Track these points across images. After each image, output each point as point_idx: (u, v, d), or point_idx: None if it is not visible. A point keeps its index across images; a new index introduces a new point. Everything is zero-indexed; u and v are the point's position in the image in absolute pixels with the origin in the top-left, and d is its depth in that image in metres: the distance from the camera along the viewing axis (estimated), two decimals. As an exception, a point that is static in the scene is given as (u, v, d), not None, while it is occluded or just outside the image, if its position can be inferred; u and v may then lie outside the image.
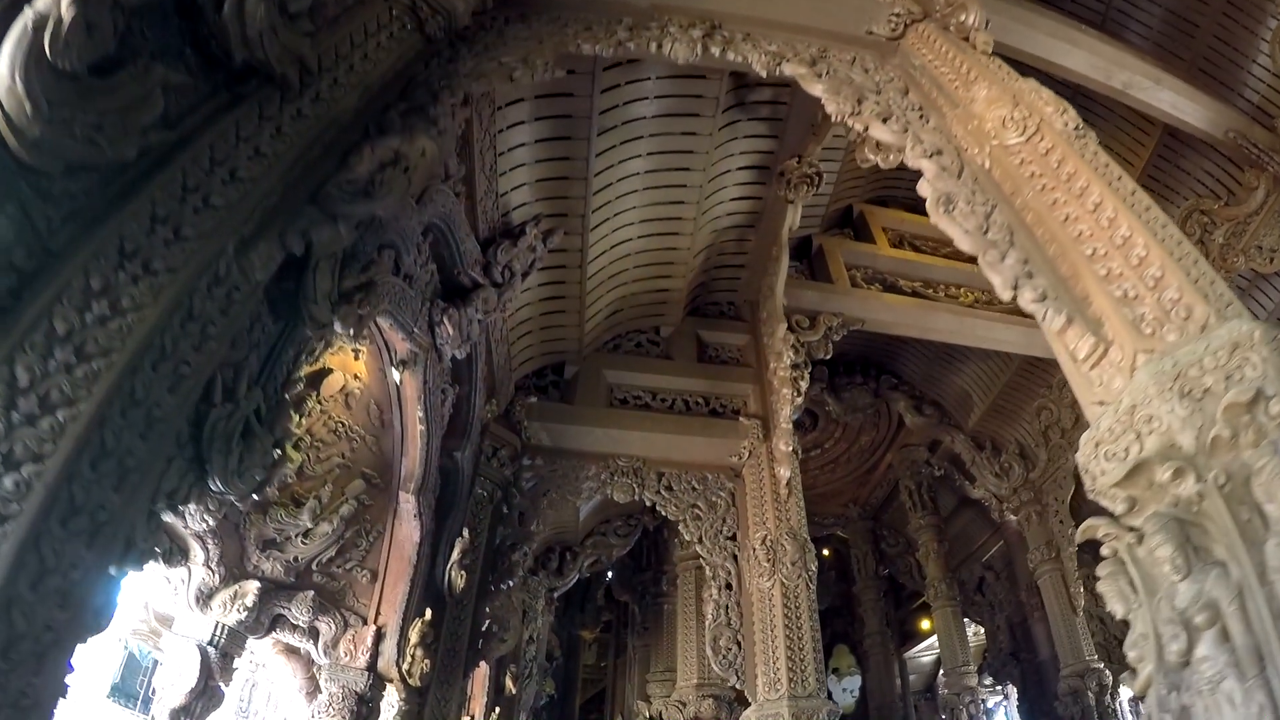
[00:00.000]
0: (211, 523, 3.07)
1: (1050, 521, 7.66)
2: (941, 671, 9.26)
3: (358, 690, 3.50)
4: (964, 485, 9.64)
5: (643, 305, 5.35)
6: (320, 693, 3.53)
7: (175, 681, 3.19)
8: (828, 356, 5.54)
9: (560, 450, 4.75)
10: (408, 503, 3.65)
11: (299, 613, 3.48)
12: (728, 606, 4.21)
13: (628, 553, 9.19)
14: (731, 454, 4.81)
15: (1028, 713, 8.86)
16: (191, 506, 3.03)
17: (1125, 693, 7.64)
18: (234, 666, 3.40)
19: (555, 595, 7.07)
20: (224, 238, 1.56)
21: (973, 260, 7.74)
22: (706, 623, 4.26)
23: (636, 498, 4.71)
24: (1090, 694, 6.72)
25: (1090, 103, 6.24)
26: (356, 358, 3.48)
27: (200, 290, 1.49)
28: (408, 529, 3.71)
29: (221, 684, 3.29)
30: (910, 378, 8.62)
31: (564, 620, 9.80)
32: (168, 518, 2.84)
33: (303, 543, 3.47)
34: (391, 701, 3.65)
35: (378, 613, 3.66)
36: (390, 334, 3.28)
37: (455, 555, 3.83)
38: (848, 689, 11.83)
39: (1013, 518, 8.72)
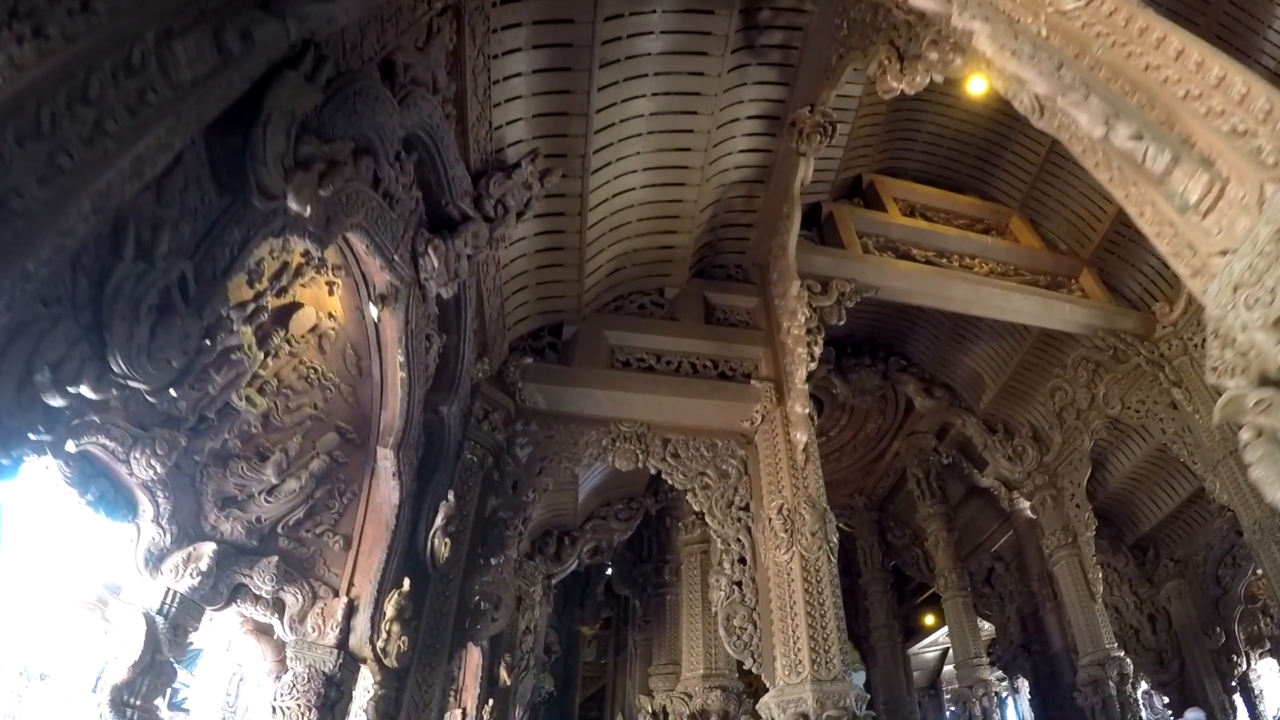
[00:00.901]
0: (160, 469, 2.67)
1: (1066, 506, 7.36)
2: (952, 664, 8.91)
3: (326, 671, 3.07)
4: (972, 473, 9.37)
5: (646, 264, 5.01)
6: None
7: (119, 654, 2.78)
8: (841, 322, 5.22)
9: (558, 414, 4.38)
10: (386, 459, 3.24)
11: (262, 581, 3.07)
12: (741, 582, 3.85)
13: (627, 545, 8.84)
14: (743, 419, 4.46)
15: (1040, 706, 8.54)
16: (137, 453, 2.65)
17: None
18: (188, 642, 2.99)
19: (553, 582, 6.68)
20: (145, 21, 1.20)
21: (987, 231, 7.43)
22: (718, 601, 3.89)
23: (641, 465, 4.35)
24: (1111, 683, 6.39)
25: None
26: (331, 293, 3.10)
27: (103, 73, 1.13)
28: (386, 489, 3.30)
29: (172, 659, 2.87)
30: (920, 359, 8.32)
31: (563, 616, 9.49)
32: (109, 459, 2.57)
33: (267, 501, 3.06)
34: (366, 685, 3.27)
35: (351, 584, 3.25)
36: (368, 262, 2.91)
37: (439, 521, 3.43)
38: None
39: (1025, 504, 8.45)
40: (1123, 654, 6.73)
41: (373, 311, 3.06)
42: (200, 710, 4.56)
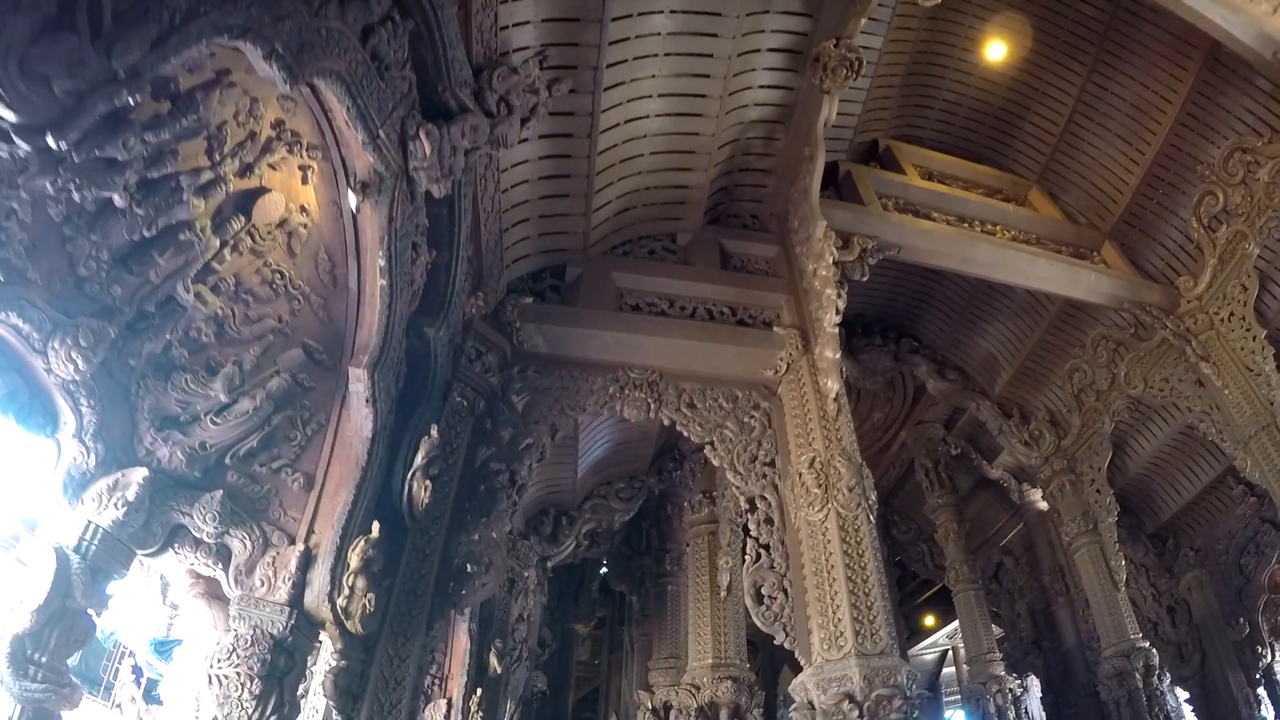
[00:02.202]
0: (84, 367, 2.16)
1: (1085, 491, 7.04)
2: (952, 665, 8.50)
3: (274, 634, 2.53)
4: (981, 465, 9.04)
5: (658, 204, 4.61)
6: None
7: (22, 598, 2.24)
8: (864, 279, 4.86)
9: (559, 358, 3.92)
10: (359, 382, 2.73)
11: (204, 522, 2.51)
12: (769, 546, 3.40)
13: (624, 539, 8.34)
14: (765, 367, 4.04)
15: (1052, 705, 8.14)
16: (56, 343, 2.15)
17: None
18: (107, 593, 2.41)
19: (549, 565, 6.14)
20: None
21: (1009, 199, 7.14)
22: (744, 567, 3.44)
23: (652, 415, 3.89)
24: (1137, 675, 6.02)
25: (1131, 29, 5.82)
26: (305, 180, 2.63)
27: None
28: (358, 419, 2.79)
29: (89, 610, 2.31)
30: (932, 341, 8.01)
31: (557, 613, 9.03)
32: (21, 347, 1.95)
33: (214, 423, 2.53)
34: (327, 655, 2.77)
35: (310, 530, 2.71)
36: (349, 137, 2.48)
37: (420, 460, 2.94)
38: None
39: (1036, 496, 8.13)
40: (1148, 644, 6.38)
41: (352, 201, 2.61)
42: (178, 704, 4.04)
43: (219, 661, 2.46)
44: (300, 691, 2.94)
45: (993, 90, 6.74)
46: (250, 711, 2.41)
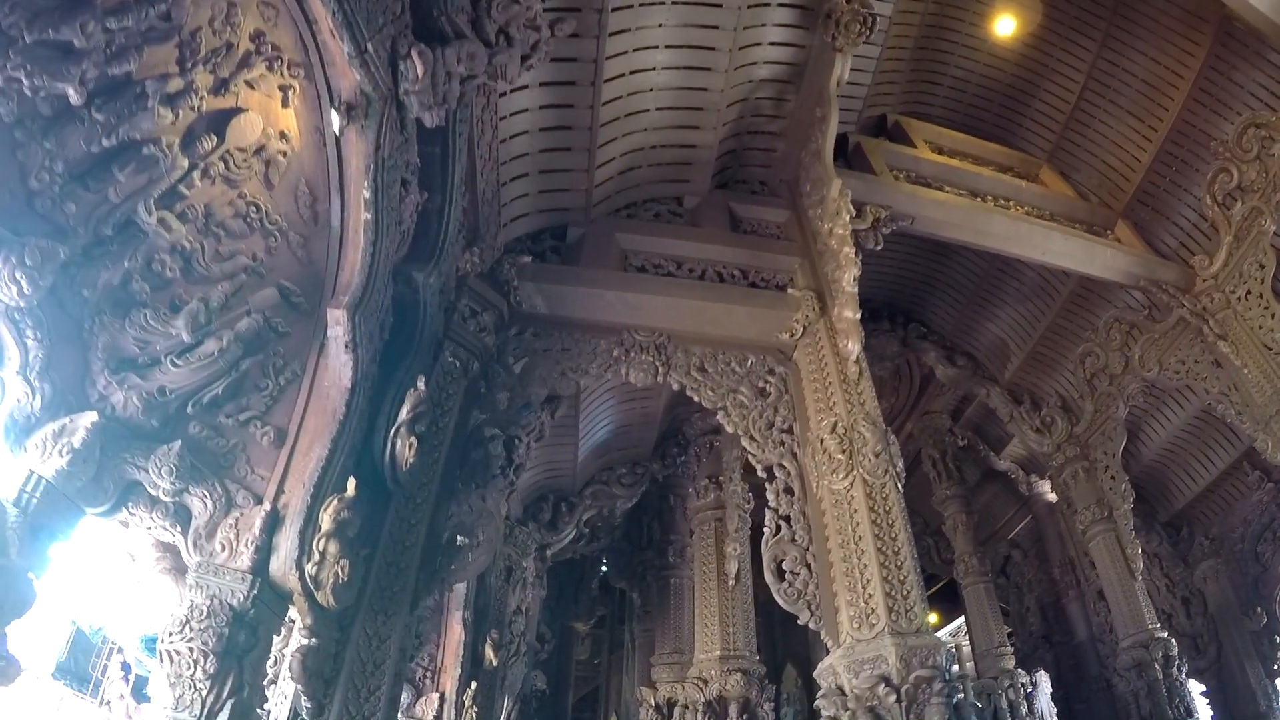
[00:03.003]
0: (30, 292, 1.88)
1: (1099, 478, 6.85)
2: (971, 657, 8.25)
3: (234, 605, 2.26)
4: (989, 456, 8.84)
5: (664, 164, 4.38)
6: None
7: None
8: (878, 248, 4.65)
9: (561, 319, 3.67)
10: (338, 325, 2.45)
11: (159, 478, 2.23)
12: (789, 517, 3.15)
13: (624, 535, 8.08)
14: (780, 329, 3.80)
15: (1063, 700, 7.91)
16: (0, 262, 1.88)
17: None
18: (47, 554, 2.11)
19: (548, 554, 5.84)
20: None
21: (1022, 176, 6.97)
22: (764, 540, 3.18)
23: (660, 379, 3.64)
24: (1156, 665, 5.80)
25: (1142, 3, 5.69)
26: (285, 103, 2.38)
27: None
28: (336, 367, 2.51)
29: (27, 569, 2.01)
30: (940, 326, 7.82)
31: (556, 611, 8.80)
32: None
33: (174, 366, 2.26)
34: (297, 633, 2.49)
35: (280, 489, 2.42)
36: (334, 52, 2.25)
37: (405, 414, 2.66)
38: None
39: (1045, 487, 7.94)
40: (1166, 634, 6.16)
41: (335, 125, 2.36)
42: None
43: (170, 635, 2.16)
44: (269, 677, 2.66)
45: (1002, 66, 6.59)
46: (204, 692, 2.12)
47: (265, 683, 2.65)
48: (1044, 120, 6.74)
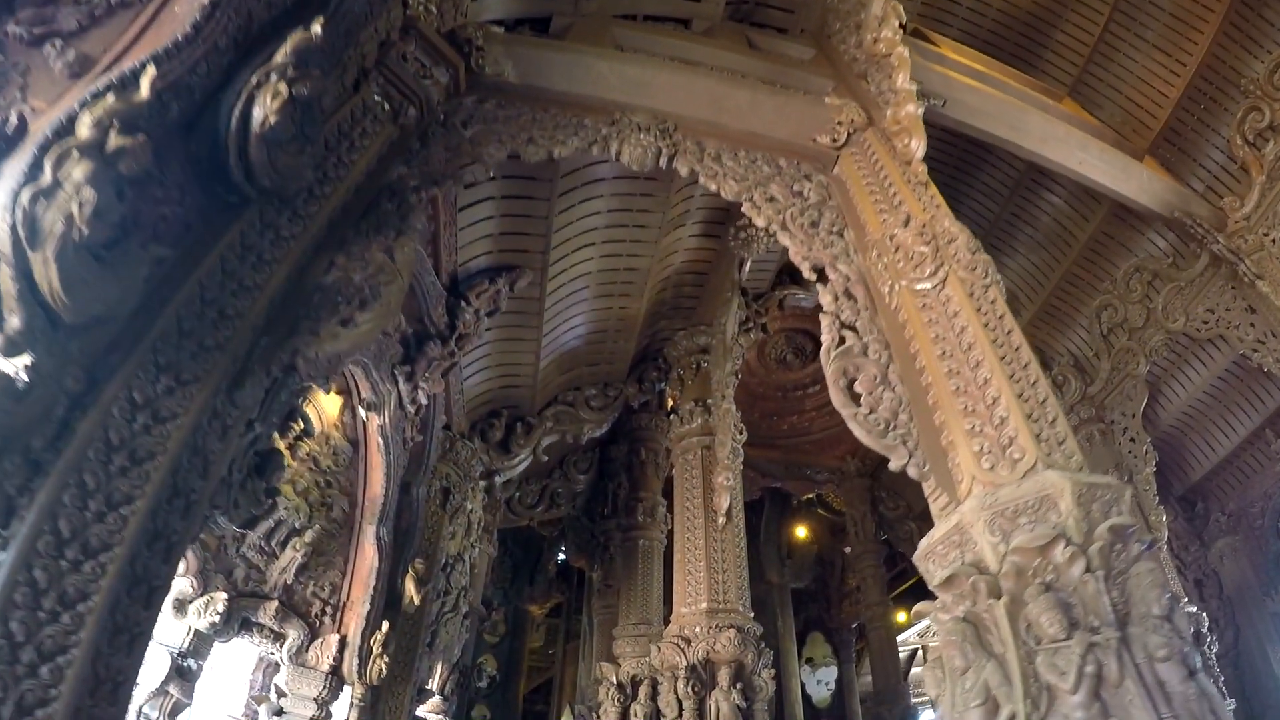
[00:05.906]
0: None
1: (1118, 441, 6.24)
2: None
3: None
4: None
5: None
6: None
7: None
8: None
9: (535, 91, 2.61)
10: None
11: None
12: (856, 326, 2.17)
13: (585, 509, 7.03)
14: (819, 131, 2.86)
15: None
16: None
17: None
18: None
19: (497, 483, 4.61)
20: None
21: (1048, 93, 6.31)
22: (828, 355, 2.15)
23: (662, 164, 2.65)
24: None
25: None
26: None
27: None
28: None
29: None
30: (944, 276, 7.18)
31: (510, 592, 7.82)
32: None
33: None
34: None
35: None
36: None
37: (278, 59, 1.59)
38: (822, 681, 10.19)
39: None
40: (1194, 608, 5.44)
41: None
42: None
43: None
44: None
45: (1025, -10, 6.15)
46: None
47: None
48: (1066, 52, 6.30)
